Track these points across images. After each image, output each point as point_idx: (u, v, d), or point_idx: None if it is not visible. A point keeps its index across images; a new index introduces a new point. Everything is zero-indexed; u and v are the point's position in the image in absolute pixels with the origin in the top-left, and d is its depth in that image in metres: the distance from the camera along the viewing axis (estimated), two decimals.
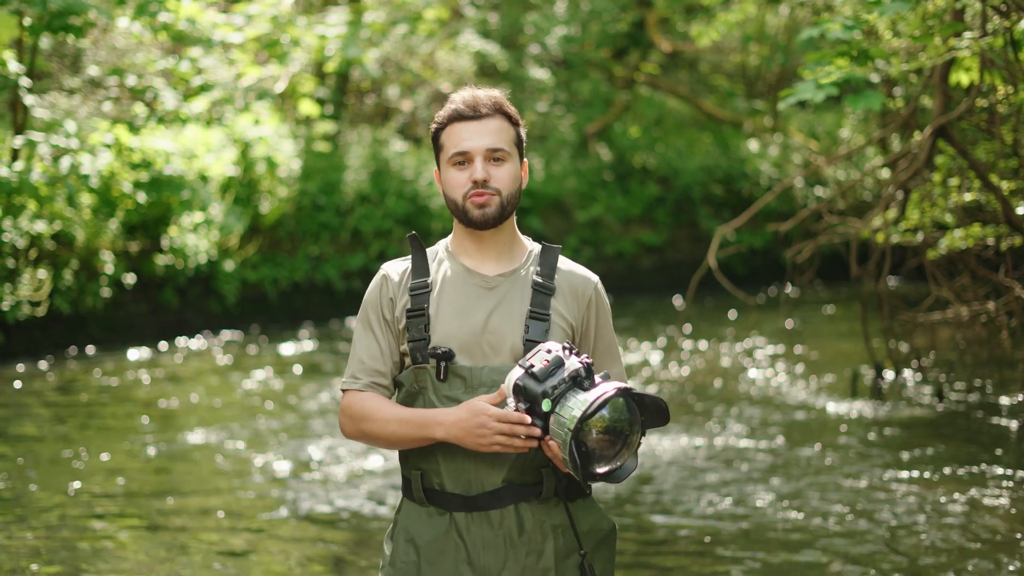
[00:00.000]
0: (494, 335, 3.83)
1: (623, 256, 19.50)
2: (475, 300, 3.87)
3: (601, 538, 3.93)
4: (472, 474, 3.81)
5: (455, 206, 3.87)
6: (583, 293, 3.95)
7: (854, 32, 7.83)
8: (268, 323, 15.93)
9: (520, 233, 4.01)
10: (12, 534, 7.73)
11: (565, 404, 3.55)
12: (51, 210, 13.38)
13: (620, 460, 3.60)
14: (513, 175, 3.88)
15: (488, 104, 3.88)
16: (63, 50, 17.39)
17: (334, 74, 18.78)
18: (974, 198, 11.10)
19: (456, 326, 3.83)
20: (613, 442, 3.58)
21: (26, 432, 10.51)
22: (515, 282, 3.91)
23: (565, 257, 4.01)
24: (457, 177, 3.86)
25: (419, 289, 3.89)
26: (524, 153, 3.97)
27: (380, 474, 9.17)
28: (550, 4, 22.18)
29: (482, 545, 3.82)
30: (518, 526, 3.83)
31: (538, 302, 3.86)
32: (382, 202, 17.27)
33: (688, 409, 11.21)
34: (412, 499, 3.91)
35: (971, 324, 11.50)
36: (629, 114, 22.21)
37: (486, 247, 3.93)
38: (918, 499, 8.30)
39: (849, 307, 16.78)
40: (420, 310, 3.86)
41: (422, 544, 3.86)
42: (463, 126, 3.86)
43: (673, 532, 7.88)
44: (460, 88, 4.00)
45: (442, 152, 3.90)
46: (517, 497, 3.83)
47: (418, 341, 3.84)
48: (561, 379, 3.57)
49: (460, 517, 3.83)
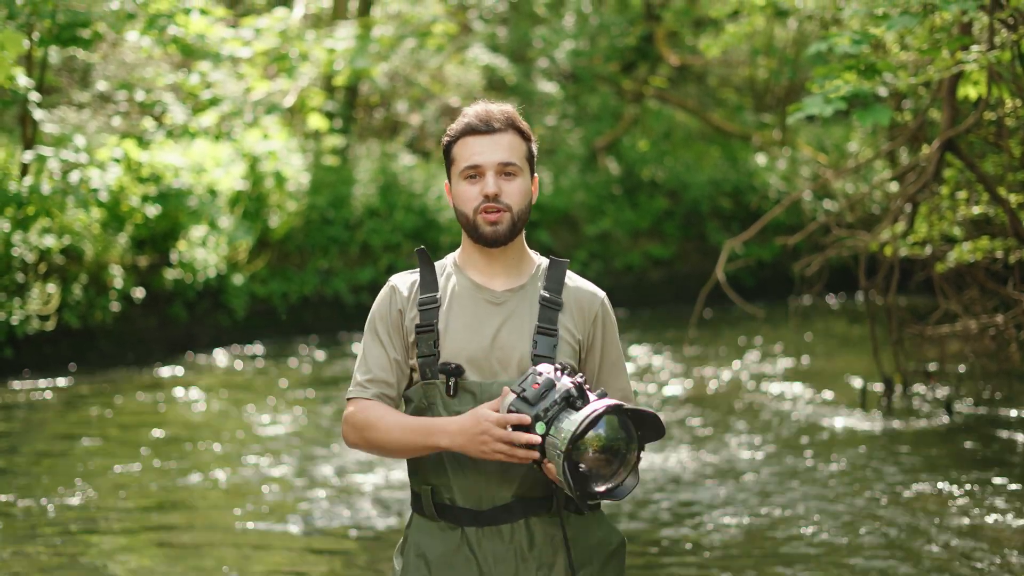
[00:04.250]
0: (503, 351, 3.83)
1: (632, 269, 19.49)
2: (484, 316, 3.87)
3: (610, 552, 3.93)
4: (483, 489, 3.81)
5: (466, 220, 3.87)
6: (590, 309, 3.95)
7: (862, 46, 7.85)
8: (277, 337, 15.93)
9: (528, 247, 4.01)
10: (20, 549, 7.74)
11: (558, 425, 3.54)
12: (60, 224, 13.40)
13: (619, 478, 3.59)
14: (524, 190, 3.88)
15: (501, 119, 3.89)
16: (72, 65, 17.44)
17: (343, 88, 18.81)
18: (982, 211, 11.09)
19: (465, 342, 3.83)
20: (610, 460, 3.58)
21: (35, 447, 10.52)
22: (523, 297, 3.91)
23: (572, 272, 4.01)
24: (468, 191, 3.86)
25: (428, 304, 3.88)
26: (535, 168, 3.97)
27: (389, 488, 9.17)
28: (559, 18, 22.22)
29: (493, 559, 3.82)
30: (529, 540, 3.82)
31: (546, 317, 3.86)
32: (391, 216, 17.28)
33: (695, 422, 11.20)
34: (423, 514, 3.91)
35: (980, 337, 11.48)
36: (638, 128, 22.22)
37: (495, 262, 3.92)
38: (927, 512, 8.28)
39: (858, 320, 16.76)
40: (429, 325, 3.85)
41: (433, 559, 3.85)
42: (475, 140, 3.86)
43: (679, 545, 7.87)
44: (472, 102, 4.00)
45: (453, 165, 3.91)
46: (528, 511, 3.83)
47: (427, 357, 3.84)
48: (553, 401, 3.57)
49: (471, 532, 3.83)
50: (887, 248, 11.36)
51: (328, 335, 16.20)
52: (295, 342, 15.80)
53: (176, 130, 15.47)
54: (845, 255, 12.72)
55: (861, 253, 11.38)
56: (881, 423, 10.94)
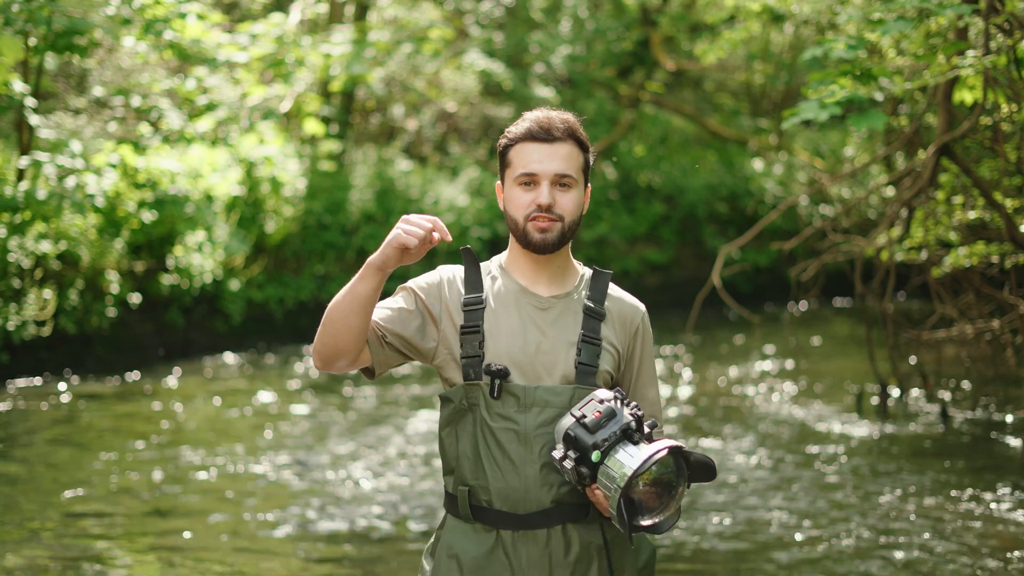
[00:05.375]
0: (547, 356, 3.82)
1: (628, 274, 19.50)
2: (529, 320, 3.86)
3: (642, 565, 3.93)
4: (522, 493, 3.78)
5: (515, 226, 3.85)
6: (632, 322, 3.98)
7: (858, 51, 7.86)
8: (274, 342, 15.93)
9: (573, 257, 4.00)
10: (16, 552, 7.73)
11: (614, 456, 3.56)
12: (56, 229, 13.40)
13: (666, 512, 3.61)
14: (577, 202, 3.86)
15: (562, 128, 3.83)
16: (68, 70, 17.44)
17: (339, 93, 18.82)
18: (978, 216, 11.11)
19: (510, 345, 3.82)
20: (660, 495, 3.60)
21: (31, 452, 10.51)
22: (568, 305, 3.90)
23: (614, 284, 4.02)
24: (522, 197, 3.83)
25: (473, 304, 3.86)
26: (589, 179, 3.95)
27: (390, 492, 9.16)
28: (555, 23, 22.23)
29: (527, 564, 3.80)
30: (565, 546, 3.81)
31: (590, 327, 3.86)
32: (387, 221, 17.27)
33: (692, 428, 11.20)
34: (457, 515, 3.88)
35: (976, 342, 11.50)
36: (634, 133, 22.24)
37: (541, 269, 3.91)
38: (923, 517, 8.28)
39: (854, 325, 16.77)
40: (475, 326, 3.83)
41: (466, 560, 3.83)
42: (534, 147, 3.82)
43: (679, 551, 7.87)
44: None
45: (509, 169, 3.87)
46: (565, 518, 3.81)
47: (472, 358, 3.81)
48: (612, 432, 3.58)
49: (507, 535, 3.81)
50: (883, 253, 11.37)
51: None
52: (292, 347, 15.79)
53: (172, 135, 15.46)
54: (841, 260, 12.74)
55: (857, 258, 11.40)
56: (877, 427, 10.94)
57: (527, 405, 3.77)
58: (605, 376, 3.86)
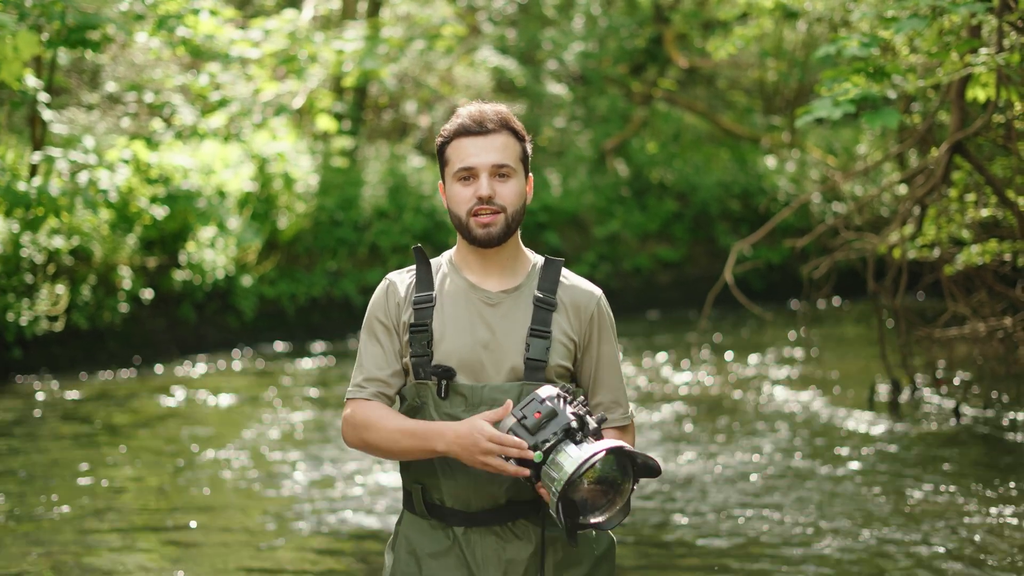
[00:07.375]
0: (496, 353, 3.83)
1: (640, 272, 19.49)
2: (478, 317, 3.87)
3: (601, 554, 3.94)
4: (472, 491, 3.82)
5: (459, 222, 3.87)
6: (585, 308, 3.94)
7: (871, 49, 7.85)
8: (286, 338, 15.95)
9: (524, 247, 4.00)
10: (27, 550, 7.75)
11: (555, 458, 3.56)
12: (69, 225, 13.42)
13: (612, 509, 3.61)
14: (518, 191, 3.87)
15: (494, 119, 3.85)
16: (82, 66, 17.47)
17: (352, 89, 18.83)
18: (991, 214, 11.09)
19: (458, 343, 3.83)
20: (605, 492, 3.60)
21: (43, 448, 10.53)
22: (518, 299, 3.90)
23: (569, 271, 4.00)
24: (462, 192, 3.85)
25: (423, 303, 3.88)
26: (529, 168, 3.96)
27: (397, 490, 9.16)
28: (568, 20, 22.22)
29: (483, 559, 3.84)
30: (518, 542, 3.84)
31: (539, 319, 3.85)
32: (400, 217, 17.29)
33: (703, 424, 11.19)
34: (413, 511, 3.93)
35: (988, 340, 11.47)
36: (647, 130, 22.22)
37: (490, 262, 3.92)
38: (934, 514, 8.27)
39: (866, 323, 16.74)
40: (424, 325, 3.85)
41: (423, 555, 3.87)
42: (469, 141, 3.84)
43: (690, 548, 7.87)
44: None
45: (447, 166, 3.89)
46: (517, 514, 3.84)
47: (420, 357, 3.84)
48: (553, 432, 3.58)
49: (461, 531, 3.85)
50: (895, 251, 11.36)
51: (337, 336, 16.21)
52: (304, 343, 15.81)
53: (185, 131, 15.49)
54: (854, 258, 12.72)
55: (870, 256, 11.38)
56: (889, 425, 10.93)
57: (474, 404, 3.79)
58: (558, 370, 3.86)
